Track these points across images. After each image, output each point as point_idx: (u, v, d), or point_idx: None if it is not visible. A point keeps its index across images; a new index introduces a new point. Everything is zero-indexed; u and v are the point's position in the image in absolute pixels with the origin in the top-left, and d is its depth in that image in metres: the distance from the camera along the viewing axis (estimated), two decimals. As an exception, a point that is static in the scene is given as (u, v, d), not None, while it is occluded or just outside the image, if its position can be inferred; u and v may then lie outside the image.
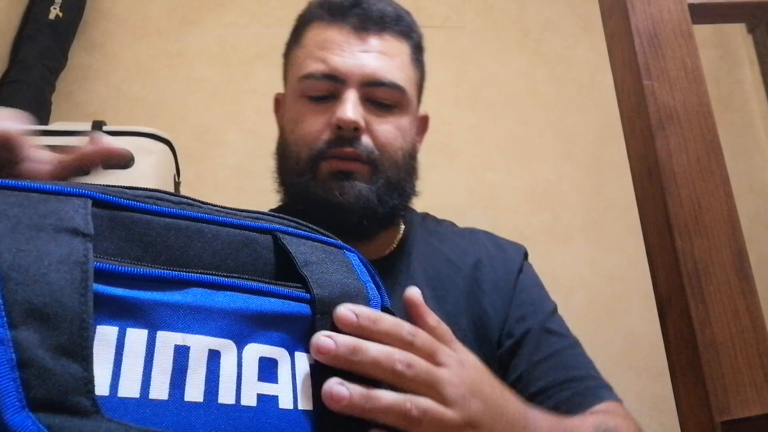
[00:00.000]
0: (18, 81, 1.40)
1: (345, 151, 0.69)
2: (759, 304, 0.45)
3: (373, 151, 0.70)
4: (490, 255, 0.78)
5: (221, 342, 0.31)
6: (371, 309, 0.37)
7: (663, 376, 0.51)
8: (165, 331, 0.30)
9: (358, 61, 0.71)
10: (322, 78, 0.71)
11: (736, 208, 0.47)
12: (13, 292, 0.26)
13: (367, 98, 0.71)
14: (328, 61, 0.71)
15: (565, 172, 1.68)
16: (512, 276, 0.75)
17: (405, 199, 0.75)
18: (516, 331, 0.70)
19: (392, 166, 0.71)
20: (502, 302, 0.73)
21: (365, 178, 0.69)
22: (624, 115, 0.53)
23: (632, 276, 1.56)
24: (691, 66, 0.50)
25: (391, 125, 0.72)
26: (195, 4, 1.68)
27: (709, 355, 0.43)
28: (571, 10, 1.82)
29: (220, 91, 1.61)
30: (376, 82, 0.71)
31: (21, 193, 0.30)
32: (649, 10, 0.52)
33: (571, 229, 1.63)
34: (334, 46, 0.72)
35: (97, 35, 1.61)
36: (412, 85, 0.76)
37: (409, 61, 0.76)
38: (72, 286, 0.28)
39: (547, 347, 0.69)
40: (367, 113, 0.71)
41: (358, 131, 0.69)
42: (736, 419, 0.41)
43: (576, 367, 0.68)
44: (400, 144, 0.73)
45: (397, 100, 0.73)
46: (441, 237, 0.80)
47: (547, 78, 1.76)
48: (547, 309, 0.74)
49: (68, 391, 0.26)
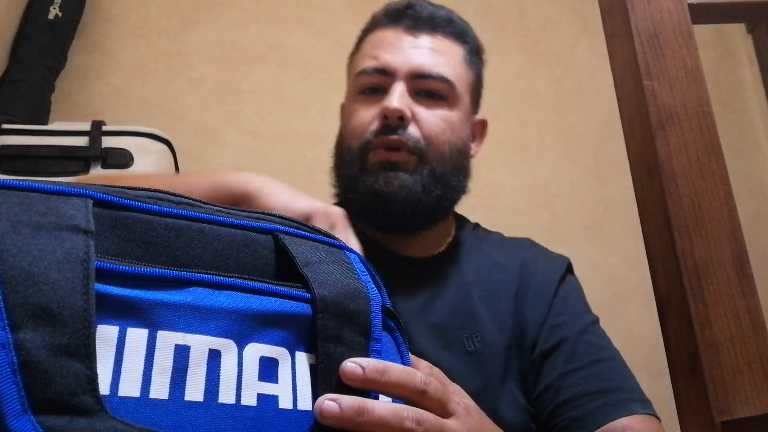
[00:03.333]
0: (18, 81, 1.40)
1: (390, 139, 0.70)
2: (759, 304, 0.45)
3: (419, 141, 0.71)
4: (535, 263, 0.78)
5: (222, 341, 0.31)
6: (378, 360, 0.36)
7: (663, 376, 0.51)
8: (165, 331, 0.30)
9: (407, 55, 0.74)
10: (374, 73, 0.74)
11: (736, 208, 0.47)
12: (14, 294, 0.26)
13: (416, 91, 0.73)
14: (380, 57, 0.75)
15: (565, 172, 1.68)
16: (553, 285, 0.76)
17: (451, 193, 0.75)
18: (552, 338, 0.70)
19: (438, 158, 0.72)
20: (540, 309, 0.73)
21: (410, 168, 0.71)
22: (624, 115, 0.53)
23: (632, 276, 1.56)
24: (691, 66, 0.50)
25: (438, 117, 0.73)
26: (195, 4, 1.68)
27: (709, 355, 0.43)
28: (571, 10, 1.82)
29: (220, 91, 1.61)
30: (424, 75, 0.73)
31: (21, 193, 0.30)
32: (649, 10, 0.51)
33: (571, 229, 1.63)
34: (386, 44, 0.76)
35: (97, 35, 1.61)
36: (463, 83, 0.77)
37: (461, 61, 0.78)
38: (74, 284, 0.27)
39: (582, 357, 0.69)
40: (415, 104, 0.73)
41: (403, 120, 0.71)
42: (736, 419, 0.41)
43: (610, 378, 0.67)
44: (448, 137, 0.73)
45: (445, 93, 0.74)
46: (491, 244, 0.81)
47: (546, 78, 1.76)
48: (586, 320, 0.74)
49: (72, 391, 0.26)
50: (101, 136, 1.23)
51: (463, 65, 0.78)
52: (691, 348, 0.43)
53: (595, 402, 0.64)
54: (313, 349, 0.35)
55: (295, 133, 1.60)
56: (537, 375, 0.69)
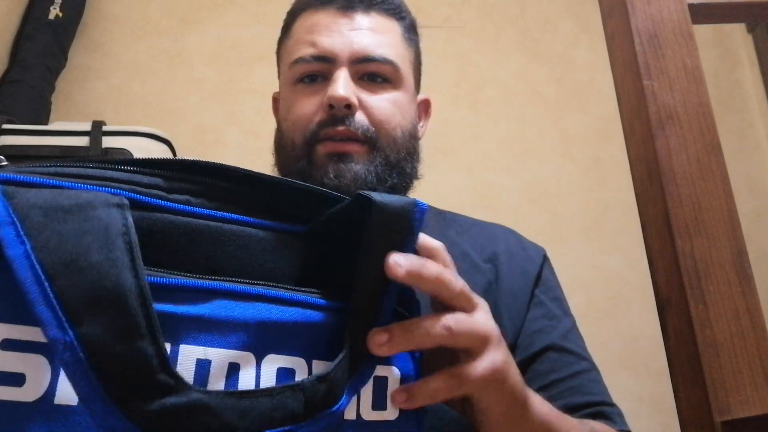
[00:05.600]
0: (18, 81, 1.40)
1: (338, 131, 0.66)
2: (759, 304, 0.45)
3: (368, 128, 0.67)
4: (509, 253, 0.73)
5: (241, 354, 0.31)
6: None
7: (663, 376, 0.51)
8: (188, 345, 0.29)
9: (346, 38, 0.69)
10: (312, 60, 0.69)
11: (736, 208, 0.47)
12: (63, 289, 0.25)
13: (359, 76, 0.69)
14: (317, 43, 0.70)
15: (565, 172, 1.68)
16: (530, 281, 0.71)
17: (405, 180, 0.72)
18: (533, 345, 0.66)
19: (390, 144, 0.69)
20: (517, 309, 0.68)
21: (362, 158, 0.66)
22: (624, 115, 0.53)
23: (632, 276, 1.56)
24: (691, 66, 0.50)
25: (387, 101, 0.69)
26: (195, 4, 1.68)
27: (709, 355, 0.43)
28: (571, 10, 1.82)
29: (220, 91, 1.61)
30: (366, 58, 0.69)
31: (49, 190, 0.29)
32: (649, 10, 0.52)
33: (570, 229, 1.63)
34: (321, 28, 0.71)
35: (97, 35, 1.61)
36: (406, 62, 0.73)
37: (401, 39, 0.74)
38: (120, 262, 0.27)
39: (564, 368, 0.66)
40: (360, 90, 0.68)
41: (350, 108, 0.66)
42: (736, 419, 0.41)
43: (593, 392, 0.65)
44: (398, 121, 0.70)
45: (390, 76, 0.70)
46: (459, 229, 0.76)
47: (546, 78, 1.76)
48: (566, 325, 0.70)
49: (149, 372, 0.26)
50: (101, 136, 1.23)
51: (403, 43, 0.73)
52: (691, 348, 0.43)
53: (578, 416, 0.62)
54: (329, 356, 0.34)
55: (295, 133, 1.60)
56: None
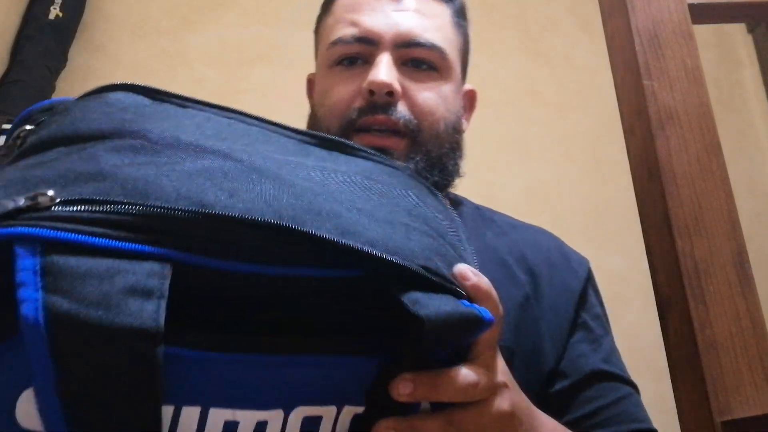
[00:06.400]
0: (18, 81, 1.40)
1: (378, 119, 0.61)
2: (759, 304, 0.45)
3: (410, 119, 0.62)
4: (551, 264, 0.67)
5: (270, 414, 0.30)
6: None
7: (663, 376, 0.51)
8: (217, 408, 0.28)
9: (391, 20, 0.63)
10: (353, 41, 0.64)
11: (736, 208, 0.47)
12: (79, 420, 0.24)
13: (403, 62, 0.63)
14: (359, 23, 0.64)
15: (565, 172, 1.68)
16: (573, 299, 0.66)
17: (447, 178, 0.67)
18: (577, 372, 0.62)
19: (433, 138, 0.63)
20: (559, 331, 0.63)
21: (402, 154, 0.61)
22: (624, 115, 0.53)
23: (632, 276, 1.56)
24: (691, 66, 0.50)
25: (431, 91, 0.64)
26: (195, 4, 1.68)
27: (709, 355, 0.43)
28: (571, 10, 1.82)
29: (220, 91, 1.61)
30: (412, 42, 0.63)
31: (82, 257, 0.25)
32: (649, 10, 0.52)
33: (570, 229, 1.62)
34: (364, 6, 0.65)
35: (98, 35, 1.61)
36: (454, 49, 0.67)
37: (450, 24, 0.68)
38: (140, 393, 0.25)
39: (609, 393, 0.61)
40: (404, 78, 0.63)
41: (392, 96, 0.61)
42: (736, 419, 0.41)
43: (637, 419, 0.62)
44: (442, 113, 0.64)
45: (436, 63, 0.65)
46: (498, 230, 0.70)
47: (547, 78, 1.76)
48: (608, 346, 0.66)
49: None
50: (101, 136, 1.24)
51: (451, 29, 0.68)
52: (691, 348, 0.43)
53: None
54: (361, 401, 0.33)
55: (295, 133, 1.60)
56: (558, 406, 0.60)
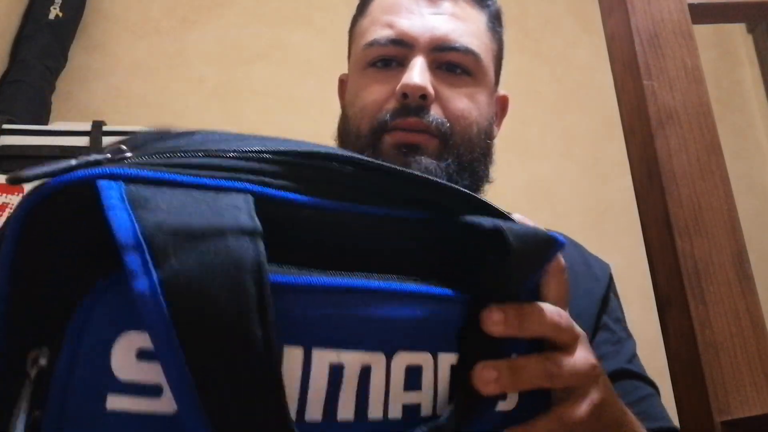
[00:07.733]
0: (18, 81, 1.40)
1: (409, 122, 0.61)
2: (759, 304, 0.45)
3: (443, 123, 0.62)
4: (573, 272, 0.66)
5: (373, 356, 0.29)
6: None
7: (663, 376, 0.51)
8: (321, 349, 0.28)
9: (427, 23, 0.64)
10: (388, 44, 0.64)
11: (736, 208, 0.47)
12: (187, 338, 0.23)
13: (437, 65, 0.64)
14: (395, 25, 0.64)
15: (565, 172, 1.68)
16: (595, 304, 0.67)
17: (477, 183, 0.67)
18: None
19: (465, 143, 0.63)
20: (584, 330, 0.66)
21: (434, 153, 0.61)
22: (624, 115, 0.53)
23: (632, 276, 1.56)
24: (691, 66, 0.50)
25: (465, 96, 0.64)
26: (195, 3, 1.68)
27: (709, 355, 0.43)
28: (571, 10, 1.82)
29: (220, 91, 1.61)
30: (447, 46, 0.63)
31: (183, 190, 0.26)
32: (649, 10, 0.52)
33: (570, 229, 1.62)
34: (401, 9, 0.65)
35: (97, 35, 1.61)
36: (489, 54, 0.68)
37: (485, 29, 0.69)
38: (247, 310, 0.24)
39: (633, 392, 0.62)
40: (438, 82, 0.63)
41: (426, 100, 0.61)
42: (736, 419, 0.41)
43: (659, 417, 0.62)
44: (475, 118, 0.64)
45: (471, 68, 0.65)
46: None
47: (547, 78, 1.76)
48: (629, 348, 0.67)
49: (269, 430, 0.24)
50: (101, 136, 1.24)
51: (487, 34, 0.68)
52: (691, 348, 0.43)
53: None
54: (455, 348, 0.33)
55: (295, 133, 1.58)
56: None
